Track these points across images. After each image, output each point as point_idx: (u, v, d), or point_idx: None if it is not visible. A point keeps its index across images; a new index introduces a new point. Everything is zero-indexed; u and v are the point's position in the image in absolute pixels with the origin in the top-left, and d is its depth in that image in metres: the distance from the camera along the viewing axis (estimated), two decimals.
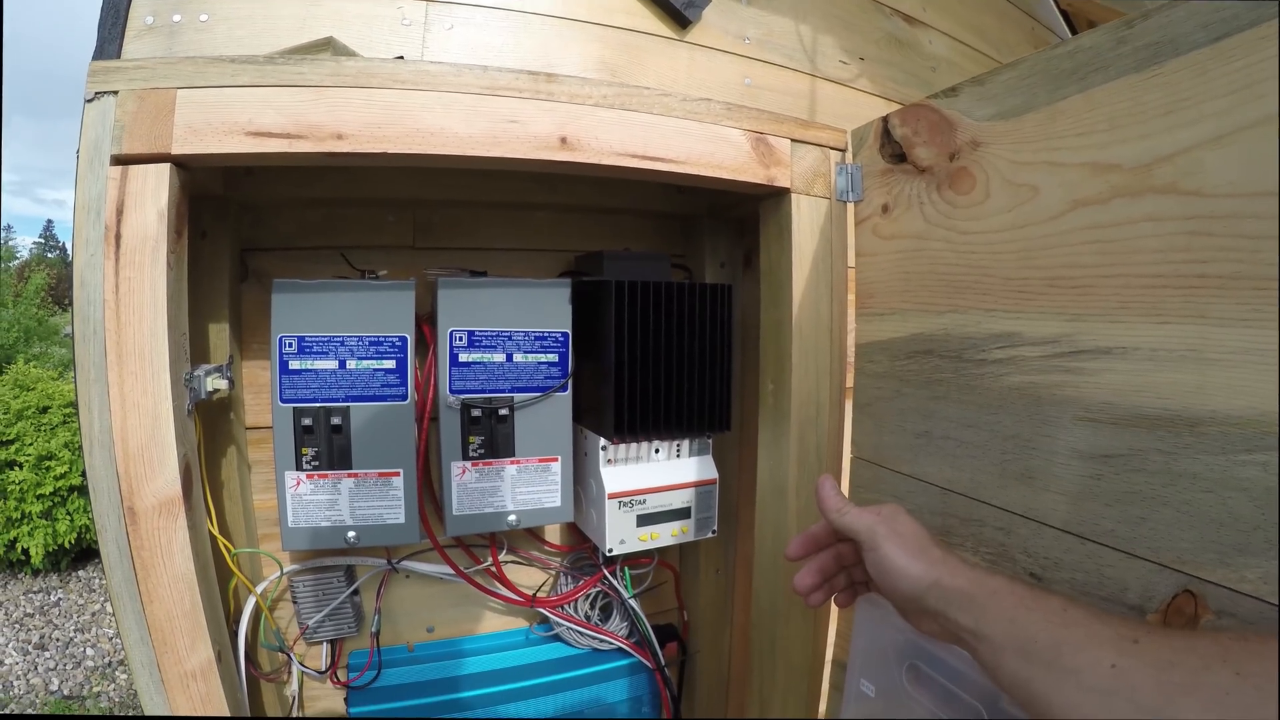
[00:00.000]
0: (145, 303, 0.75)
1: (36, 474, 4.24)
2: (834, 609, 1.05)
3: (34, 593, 4.42)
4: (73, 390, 4.61)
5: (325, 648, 1.12)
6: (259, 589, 1.00)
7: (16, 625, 4.07)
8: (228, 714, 0.82)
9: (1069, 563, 0.70)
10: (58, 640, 3.95)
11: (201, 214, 0.95)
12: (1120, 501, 0.64)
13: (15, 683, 3.55)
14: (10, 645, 3.86)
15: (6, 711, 3.32)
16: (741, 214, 1.18)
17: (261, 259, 1.06)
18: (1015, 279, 0.75)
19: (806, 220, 0.99)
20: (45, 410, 4.52)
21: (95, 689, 3.53)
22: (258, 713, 1.03)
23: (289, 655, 1.06)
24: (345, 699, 1.09)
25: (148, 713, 0.80)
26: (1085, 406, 0.68)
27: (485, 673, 1.13)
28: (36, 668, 3.69)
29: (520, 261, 1.17)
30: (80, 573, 4.68)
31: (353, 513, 0.97)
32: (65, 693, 3.49)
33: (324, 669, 1.11)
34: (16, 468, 4.25)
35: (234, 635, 0.96)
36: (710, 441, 1.12)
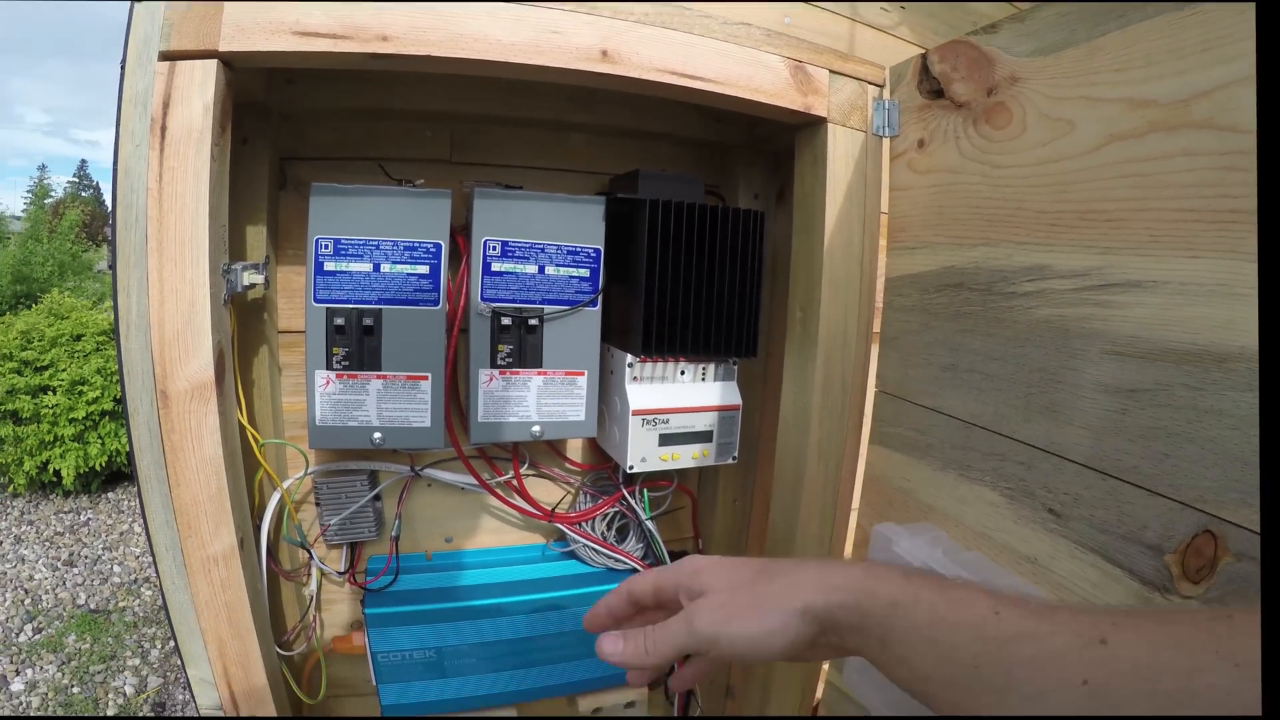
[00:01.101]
0: (188, 190, 0.76)
1: (69, 398, 4.34)
2: (851, 532, 1.06)
3: (64, 513, 4.54)
4: (106, 319, 4.71)
5: (345, 551, 1.15)
6: (285, 484, 1.03)
7: (47, 543, 4.19)
8: (246, 601, 0.85)
9: (1089, 499, 0.70)
10: (86, 557, 4.07)
11: (244, 120, 0.95)
12: (1144, 437, 0.65)
13: (43, 597, 3.67)
14: (40, 562, 3.98)
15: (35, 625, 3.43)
16: (777, 147, 1.18)
17: (300, 168, 1.08)
18: (1048, 212, 0.76)
19: (842, 151, 0.99)
20: (79, 338, 4.61)
21: (121, 604, 3.63)
22: (276, 610, 1.07)
23: (309, 552, 1.09)
24: (362, 600, 1.12)
25: (168, 597, 0.83)
26: (1113, 340, 0.68)
27: (500, 583, 1.16)
28: (65, 583, 3.80)
29: (556, 180, 1.17)
30: (110, 494, 4.80)
31: (380, 414, 0.99)
32: (92, 607, 3.60)
33: (342, 570, 1.14)
34: (50, 392, 4.34)
35: (257, 529, 0.99)
36: (736, 368, 1.13)
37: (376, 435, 0.99)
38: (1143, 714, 0.37)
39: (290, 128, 1.06)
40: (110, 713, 2.95)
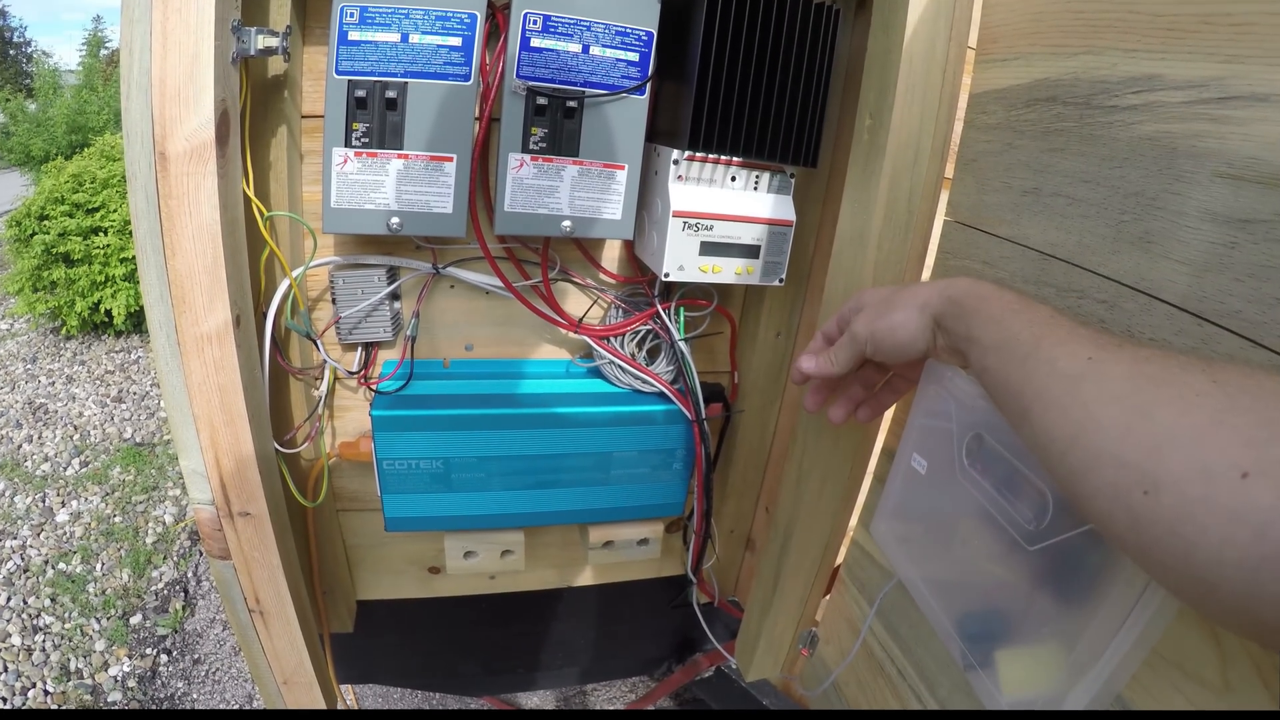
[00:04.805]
0: None
1: (120, 238, 4.39)
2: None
3: (115, 352, 4.68)
4: None
5: (360, 352, 1.10)
6: (296, 273, 0.97)
7: (97, 381, 4.32)
8: (240, 385, 0.81)
9: (1179, 347, 0.60)
10: (134, 394, 4.19)
11: None
12: (1255, 276, 0.54)
13: (92, 432, 3.79)
14: (90, 399, 4.11)
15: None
16: None
17: None
18: (1164, 15, 0.64)
19: None
20: None
21: (165, 437, 3.73)
22: (281, 407, 1.04)
23: (315, 342, 1.05)
24: (370, 402, 1.08)
25: (162, 381, 0.80)
26: (1228, 161, 0.57)
27: (518, 395, 1.11)
28: (113, 418, 3.93)
29: None
30: None
31: (399, 197, 0.91)
32: (137, 440, 3.70)
33: (354, 370, 1.10)
34: (101, 234, 4.39)
35: (262, 316, 0.95)
36: (793, 182, 1.02)
37: (394, 220, 0.92)
38: (1121, 383, 0.46)
39: None
40: (149, 540, 3.05)
